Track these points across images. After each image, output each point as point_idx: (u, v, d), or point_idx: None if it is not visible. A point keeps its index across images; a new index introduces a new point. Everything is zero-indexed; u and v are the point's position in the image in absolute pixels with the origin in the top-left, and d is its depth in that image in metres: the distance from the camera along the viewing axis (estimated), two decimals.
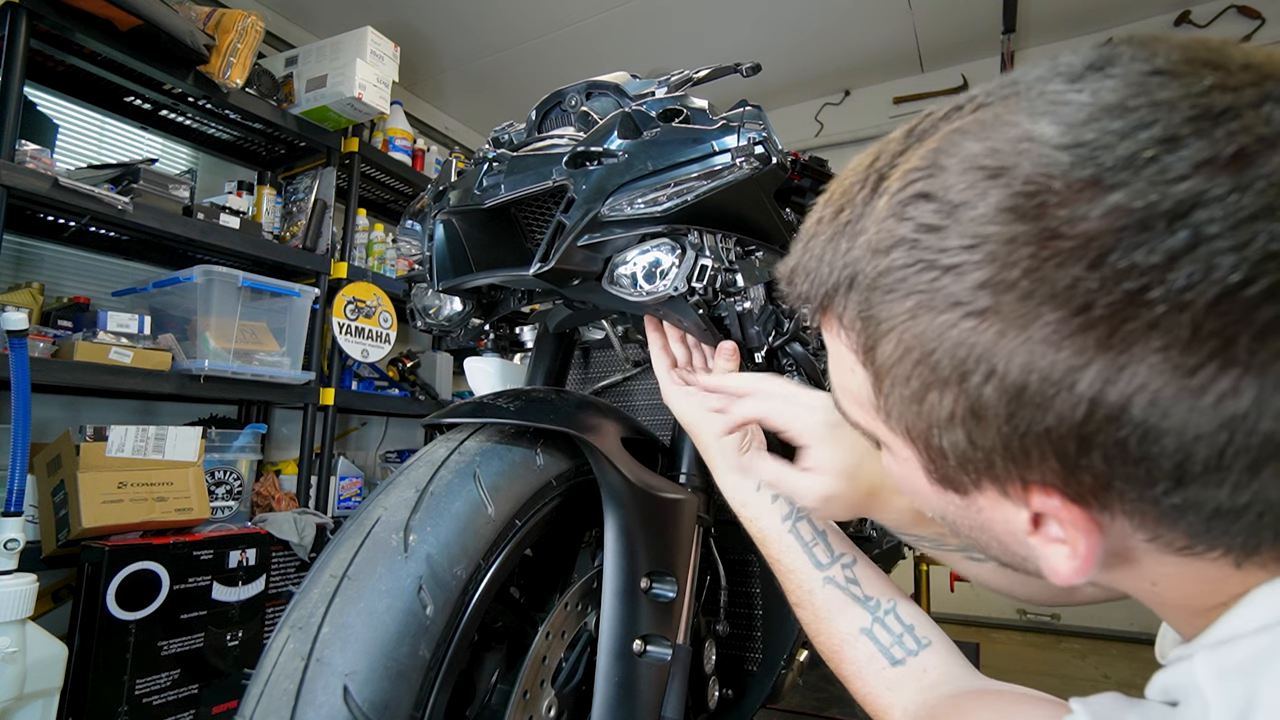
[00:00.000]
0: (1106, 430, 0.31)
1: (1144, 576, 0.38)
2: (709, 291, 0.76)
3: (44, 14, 1.70)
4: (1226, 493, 0.31)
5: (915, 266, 0.34)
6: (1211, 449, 0.30)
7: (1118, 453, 0.31)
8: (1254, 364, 0.28)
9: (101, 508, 1.59)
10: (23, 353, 1.37)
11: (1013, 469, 0.35)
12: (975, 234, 0.32)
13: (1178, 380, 0.29)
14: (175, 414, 2.32)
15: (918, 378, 0.36)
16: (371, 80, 2.34)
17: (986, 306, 0.32)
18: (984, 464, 0.36)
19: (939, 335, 0.34)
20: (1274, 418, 0.29)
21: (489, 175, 0.82)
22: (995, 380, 0.33)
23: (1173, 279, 0.28)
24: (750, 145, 0.73)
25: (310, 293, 2.24)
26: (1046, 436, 0.33)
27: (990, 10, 2.90)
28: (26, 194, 1.63)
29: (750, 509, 0.72)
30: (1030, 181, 0.31)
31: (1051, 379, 0.31)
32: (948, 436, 0.36)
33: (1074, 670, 2.41)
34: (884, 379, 0.38)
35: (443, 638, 0.56)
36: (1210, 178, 0.28)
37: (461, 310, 1.02)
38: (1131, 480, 0.32)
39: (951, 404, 0.35)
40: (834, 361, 0.45)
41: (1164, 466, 0.31)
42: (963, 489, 0.39)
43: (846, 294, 0.39)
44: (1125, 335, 0.29)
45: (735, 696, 0.99)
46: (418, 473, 0.66)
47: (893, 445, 0.42)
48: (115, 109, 2.21)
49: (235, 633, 1.74)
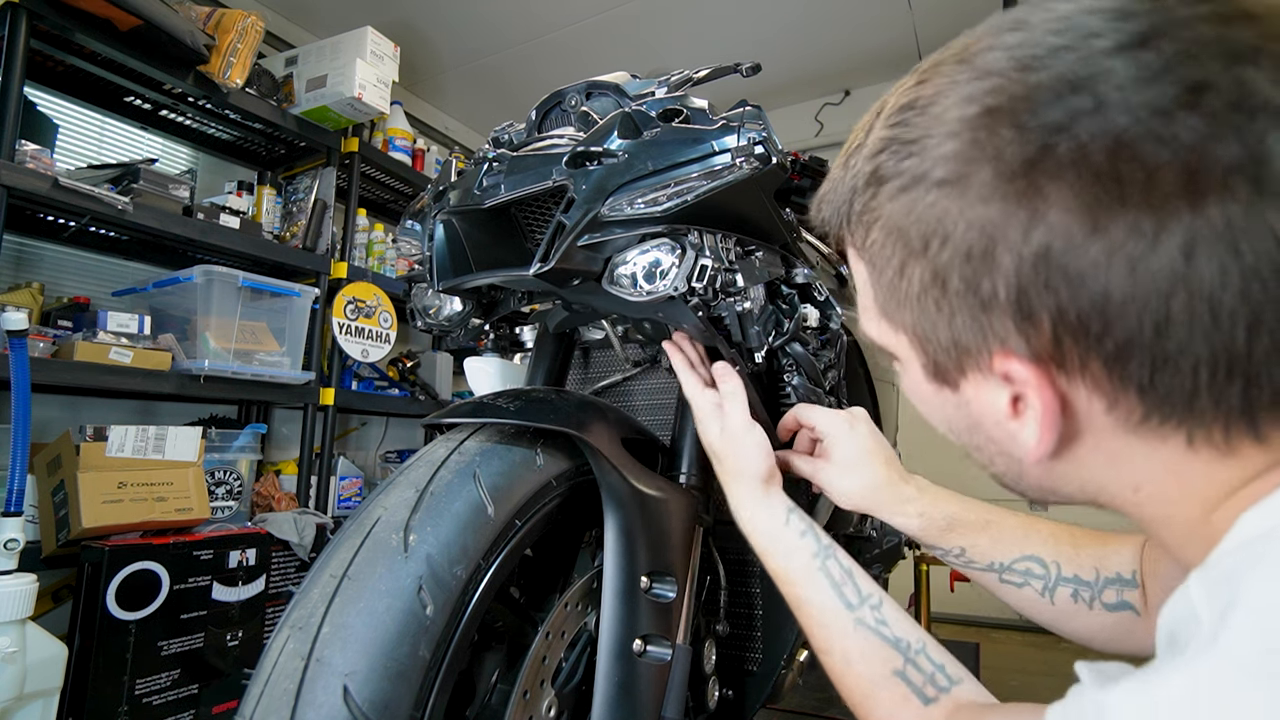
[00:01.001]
0: (1037, 279, 0.36)
1: (1123, 478, 0.40)
2: (709, 292, 0.76)
3: (44, 14, 1.70)
4: (1149, 335, 0.34)
5: (895, 156, 0.41)
6: (1126, 289, 0.34)
7: (1052, 301, 0.36)
8: (1149, 204, 0.32)
9: (101, 508, 1.59)
10: (23, 353, 1.37)
11: (979, 339, 0.40)
12: (940, 118, 0.39)
13: (1087, 222, 0.34)
14: (175, 414, 2.32)
15: (897, 256, 0.42)
16: (371, 80, 2.34)
17: (943, 177, 0.38)
18: (959, 341, 0.41)
19: (908, 211, 0.40)
20: (1172, 253, 0.32)
21: (489, 175, 0.82)
22: (950, 244, 0.38)
23: (1077, 132, 0.34)
24: (750, 145, 0.73)
25: (310, 293, 2.24)
26: (995, 297, 0.38)
27: (990, 10, 2.89)
28: (26, 194, 1.63)
29: (779, 544, 0.69)
30: (988, 74, 0.37)
31: (988, 233, 0.37)
32: (925, 316, 0.42)
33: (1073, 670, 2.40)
34: (876, 268, 0.45)
35: (443, 638, 0.56)
36: (1111, 56, 0.34)
37: (461, 310, 1.02)
38: (1072, 331, 0.36)
39: (921, 275, 0.41)
40: (857, 284, 0.50)
41: (1090, 310, 0.35)
42: (952, 381, 0.44)
43: (851, 204, 0.45)
44: (1039, 185, 0.35)
45: (735, 696, 0.99)
46: (418, 473, 0.66)
47: (898, 349, 0.48)
48: (115, 109, 2.21)
49: (235, 633, 1.74)
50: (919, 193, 0.39)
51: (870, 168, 0.43)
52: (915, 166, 0.40)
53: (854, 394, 1.31)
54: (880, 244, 0.43)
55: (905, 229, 0.41)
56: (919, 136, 0.40)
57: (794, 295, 0.90)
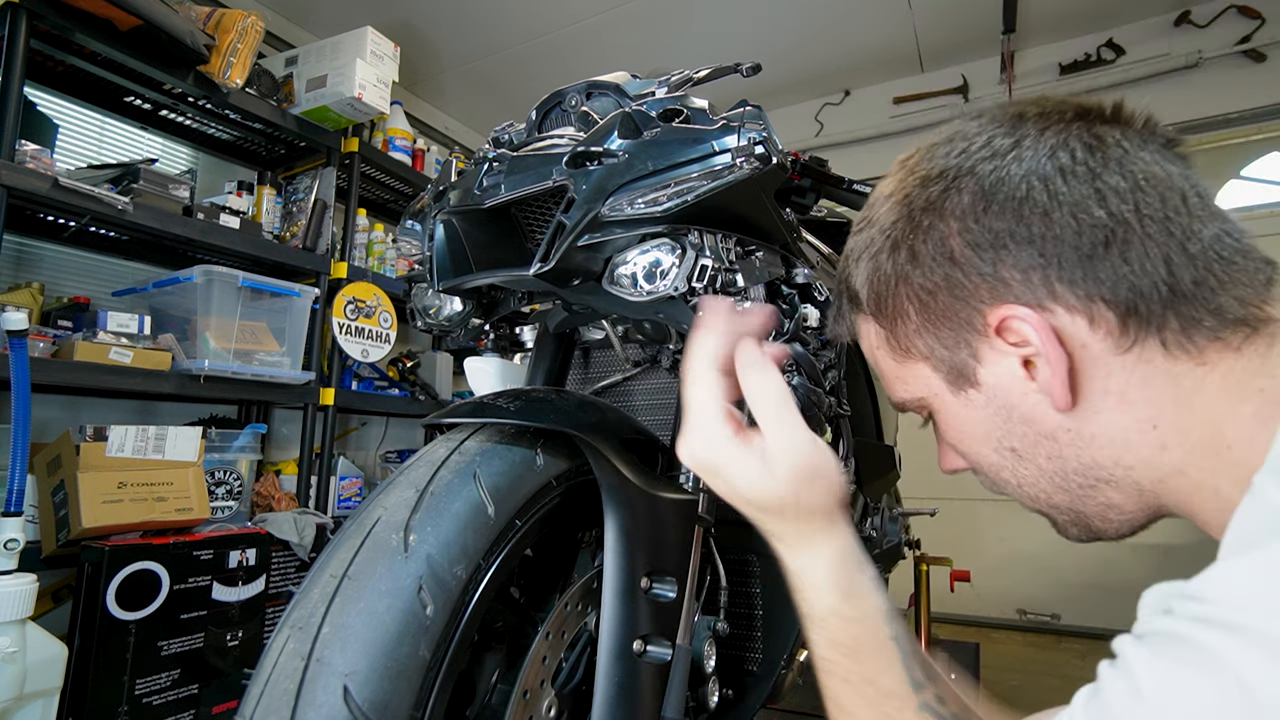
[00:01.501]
0: (971, 239, 0.48)
1: (1139, 416, 0.45)
2: (709, 291, 0.76)
3: (44, 14, 1.70)
4: (1073, 240, 0.45)
5: (864, 233, 0.56)
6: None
7: (991, 253, 0.47)
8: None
9: (101, 508, 1.59)
10: (23, 353, 1.37)
11: (970, 307, 0.49)
12: (884, 196, 0.55)
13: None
14: (175, 414, 2.32)
15: (890, 298, 0.54)
16: (371, 80, 2.34)
17: (890, 230, 0.53)
18: (958, 325, 0.50)
19: (875, 268, 0.54)
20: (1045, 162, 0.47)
21: (489, 175, 0.81)
22: (916, 259, 0.51)
23: (959, 183, 0.50)
24: (750, 145, 0.73)
25: (310, 293, 2.24)
26: (955, 274, 0.49)
27: (990, 10, 2.90)
28: (26, 194, 1.63)
29: (853, 606, 0.53)
30: (914, 171, 0.53)
31: (923, 227, 0.51)
32: (927, 327, 0.51)
33: (1074, 670, 2.41)
34: (885, 316, 0.55)
35: (443, 638, 0.56)
36: (975, 152, 0.50)
37: (461, 310, 1.02)
38: (1021, 267, 0.46)
39: (909, 294, 0.52)
40: (879, 362, 0.58)
41: (1021, 243, 0.46)
42: (972, 374, 0.50)
43: (850, 291, 0.58)
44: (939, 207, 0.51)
45: (735, 696, 0.99)
46: (418, 473, 0.66)
47: (925, 383, 0.54)
48: (115, 109, 2.21)
49: (235, 633, 1.74)
50: (879, 240, 0.54)
51: (850, 254, 0.58)
52: (871, 231, 0.55)
53: (854, 394, 1.31)
54: (880, 294, 0.54)
55: (887, 276, 0.53)
56: (876, 213, 0.55)
57: (794, 295, 0.90)
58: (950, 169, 0.50)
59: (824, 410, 0.98)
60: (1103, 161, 0.46)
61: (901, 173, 0.54)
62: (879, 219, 0.54)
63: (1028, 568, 2.99)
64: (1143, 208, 0.44)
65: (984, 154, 0.49)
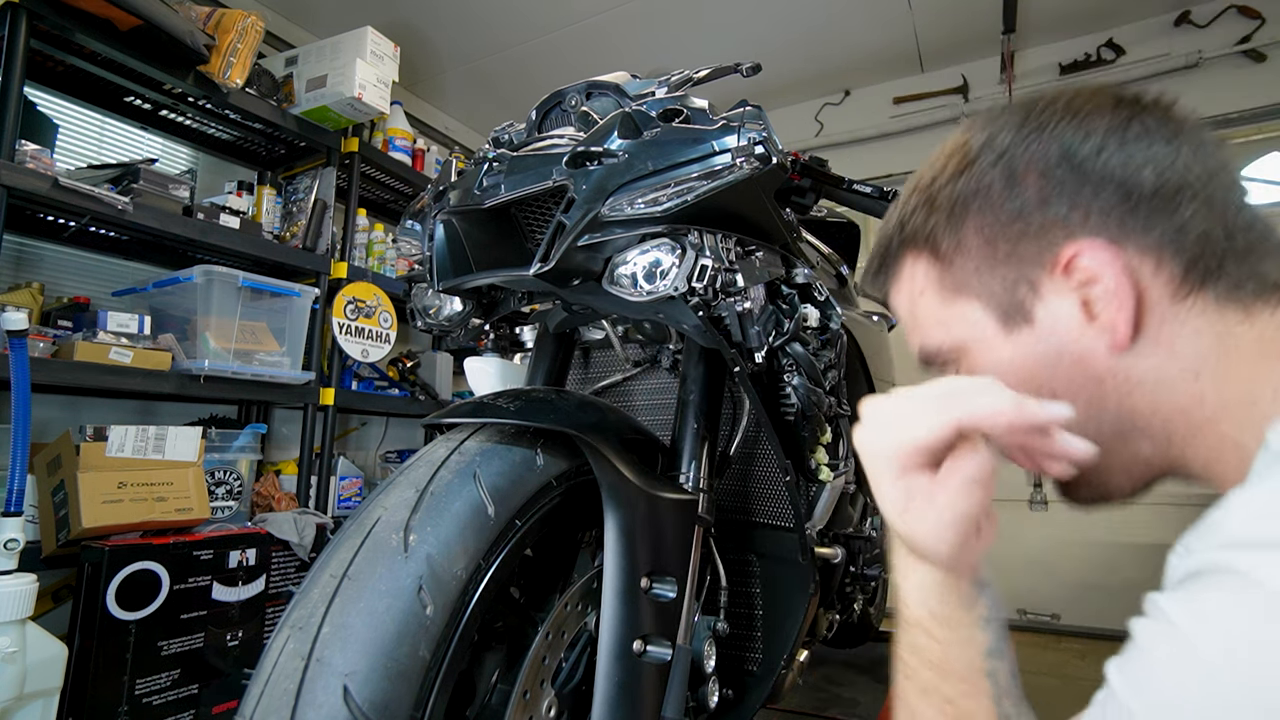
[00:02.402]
0: (1064, 169, 0.50)
1: (1184, 365, 0.47)
2: (709, 291, 0.76)
3: (44, 14, 1.70)
4: (1154, 195, 0.48)
5: (937, 167, 0.57)
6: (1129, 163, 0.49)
7: (1084, 185, 0.49)
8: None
9: (101, 508, 1.59)
10: (23, 353, 1.37)
11: (1042, 243, 0.50)
12: (959, 144, 0.57)
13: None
14: (175, 414, 2.32)
15: (954, 229, 0.55)
16: (371, 80, 2.34)
17: (966, 165, 0.55)
18: (1026, 260, 0.51)
19: (952, 194, 0.55)
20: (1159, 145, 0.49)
21: (489, 175, 0.81)
22: (990, 186, 0.53)
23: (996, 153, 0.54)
24: (750, 145, 0.73)
25: (310, 293, 2.24)
26: (1043, 200, 0.51)
27: (990, 10, 2.90)
28: (26, 194, 1.62)
29: (955, 630, 0.52)
30: (996, 118, 0.56)
31: (1011, 164, 0.52)
32: (990, 261, 0.53)
33: (1074, 670, 2.41)
34: (941, 255, 0.56)
35: (443, 638, 0.56)
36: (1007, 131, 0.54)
37: (461, 310, 1.02)
38: (1109, 206, 0.48)
39: (978, 228, 0.53)
40: (920, 310, 0.59)
41: (1116, 183, 0.49)
42: (1028, 312, 0.52)
43: (909, 225, 0.59)
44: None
45: (735, 696, 0.99)
46: (418, 473, 0.66)
47: (969, 328, 0.55)
48: (115, 109, 2.21)
49: (235, 633, 1.74)
50: (948, 180, 0.55)
51: (910, 198, 0.59)
52: (937, 171, 0.57)
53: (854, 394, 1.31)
54: (943, 217, 0.55)
55: (956, 203, 0.54)
56: (943, 167, 0.57)
57: (794, 295, 0.90)
58: (1032, 120, 0.53)
59: (824, 410, 0.98)
60: (1176, 130, 0.49)
61: (982, 119, 0.56)
62: (955, 154, 0.55)
63: (1028, 568, 2.98)
64: (1209, 173, 0.48)
65: (1067, 114, 0.52)
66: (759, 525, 1.05)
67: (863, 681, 2.16)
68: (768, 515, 1.05)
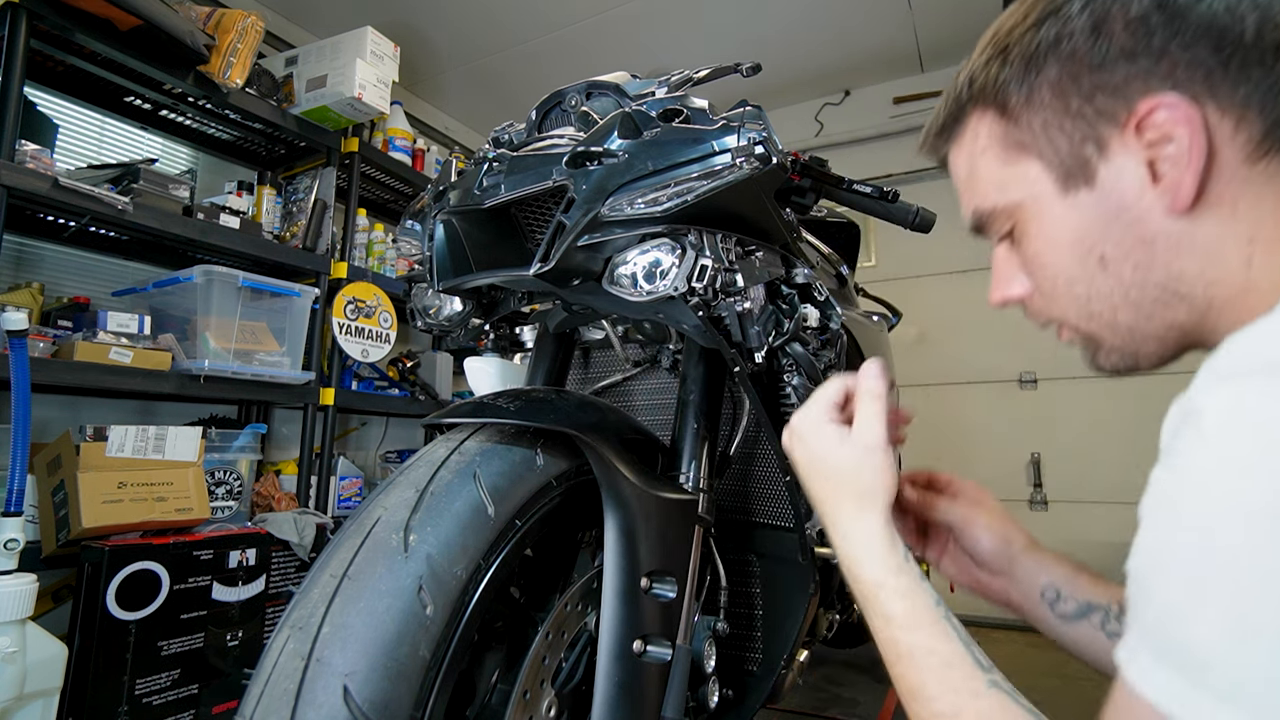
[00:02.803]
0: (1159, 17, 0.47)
1: (1240, 231, 0.47)
2: (709, 292, 0.76)
3: (44, 14, 1.70)
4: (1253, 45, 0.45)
5: (1013, 17, 0.55)
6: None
7: (1174, 30, 0.47)
8: None
9: (101, 508, 1.59)
10: (23, 353, 1.37)
11: (1117, 96, 0.49)
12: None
13: None
14: (175, 414, 2.32)
15: (1028, 78, 0.53)
16: (371, 80, 2.34)
17: (1047, 14, 0.53)
18: (1093, 112, 0.50)
19: (1031, 42, 0.53)
20: None
21: (489, 175, 0.82)
22: (1073, 33, 0.50)
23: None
24: (750, 145, 0.73)
25: (310, 293, 2.24)
26: (1129, 48, 0.48)
27: (990, 10, 2.90)
28: (26, 194, 1.62)
29: (901, 580, 0.59)
30: None
31: (1097, 12, 0.50)
32: (1060, 113, 0.51)
33: (1074, 670, 2.40)
34: (1007, 109, 0.55)
35: (443, 638, 0.56)
36: None
37: (461, 310, 1.02)
38: (1197, 56, 0.46)
39: (1052, 75, 0.52)
40: (978, 171, 0.58)
41: (1206, 31, 0.46)
42: (1090, 172, 0.51)
43: (972, 80, 0.58)
44: None
45: (735, 696, 0.99)
46: (418, 473, 0.66)
47: (1024, 188, 0.55)
48: (115, 109, 2.21)
49: (235, 633, 1.74)
50: (1027, 29, 0.53)
51: (981, 51, 0.58)
52: (1014, 21, 0.55)
53: None
54: (1011, 79, 0.54)
55: (1034, 53, 0.52)
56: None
57: (794, 295, 0.90)
58: None
59: None
60: None
61: None
62: (1039, 1, 0.53)
63: None
64: None
65: None
66: (759, 525, 1.05)
67: (863, 681, 2.16)
68: (768, 515, 1.05)
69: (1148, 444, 0.40)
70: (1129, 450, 2.60)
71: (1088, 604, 0.69)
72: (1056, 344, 0.61)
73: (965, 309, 3.24)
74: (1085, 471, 2.95)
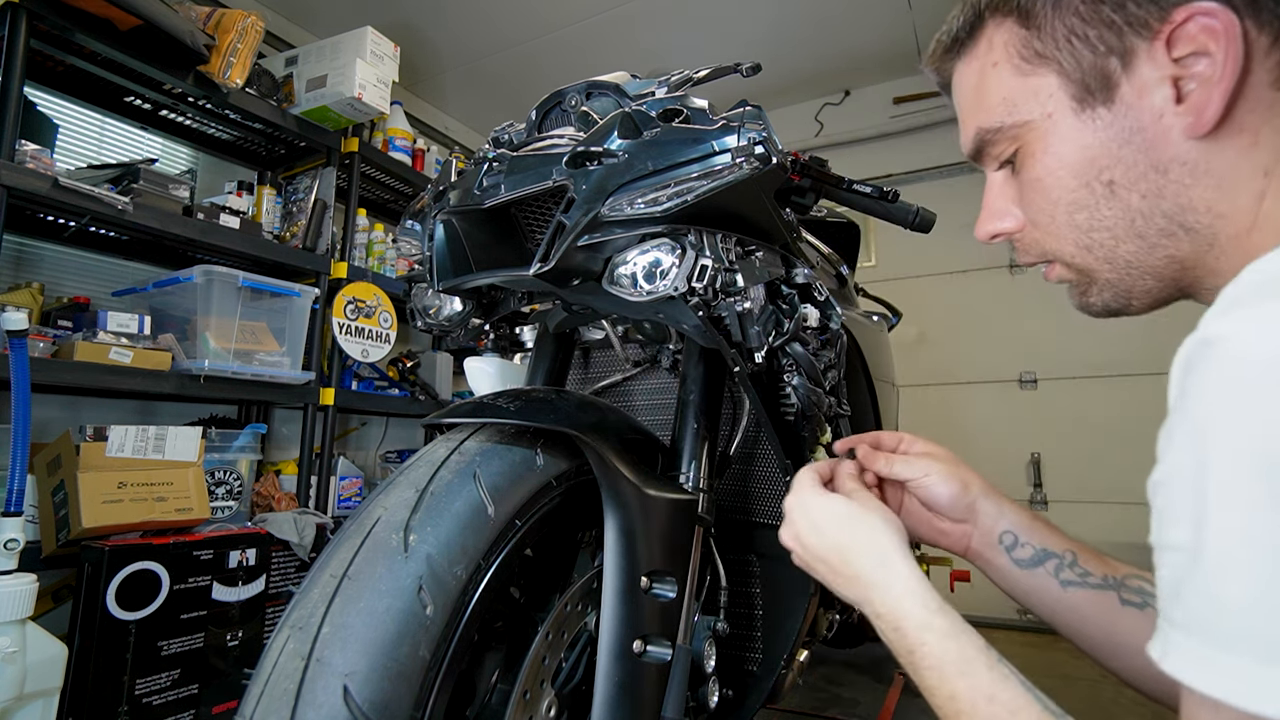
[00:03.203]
0: None
1: (1256, 161, 0.45)
2: (709, 292, 0.76)
3: (44, 14, 1.70)
4: None
5: None
6: None
7: None
8: None
9: (101, 508, 1.59)
10: (23, 353, 1.37)
11: (1151, 7, 0.46)
12: None
13: None
14: (175, 414, 2.32)
15: None
16: (371, 80, 2.34)
17: None
18: (1124, 19, 0.46)
19: None
20: None
21: (489, 175, 0.81)
22: None
23: None
24: (750, 145, 0.72)
25: (310, 293, 2.24)
26: None
27: None
28: (26, 194, 1.63)
29: (946, 619, 0.56)
30: None
31: None
32: (1087, 21, 0.48)
33: (1074, 670, 2.41)
34: (1034, 3, 0.51)
35: (443, 638, 0.56)
36: None
37: (461, 310, 1.02)
38: None
39: None
40: (989, 84, 0.55)
41: None
42: (1111, 86, 0.48)
43: None
44: None
45: (735, 696, 0.99)
46: (418, 473, 0.66)
47: (1038, 102, 0.52)
48: (115, 109, 2.21)
49: (235, 633, 1.74)
50: None
51: None
52: None
53: (854, 394, 1.31)
54: None
55: None
56: None
57: (794, 295, 0.90)
58: None
59: (824, 410, 0.98)
60: None
61: None
62: None
63: None
64: None
65: None
66: (759, 525, 1.05)
67: (863, 681, 2.16)
68: (768, 515, 1.05)
69: (1148, 444, 0.40)
70: (1129, 450, 2.60)
71: (1044, 550, 0.70)
72: (1057, 344, 0.61)
73: (965, 309, 3.24)
74: (1085, 471, 2.95)
